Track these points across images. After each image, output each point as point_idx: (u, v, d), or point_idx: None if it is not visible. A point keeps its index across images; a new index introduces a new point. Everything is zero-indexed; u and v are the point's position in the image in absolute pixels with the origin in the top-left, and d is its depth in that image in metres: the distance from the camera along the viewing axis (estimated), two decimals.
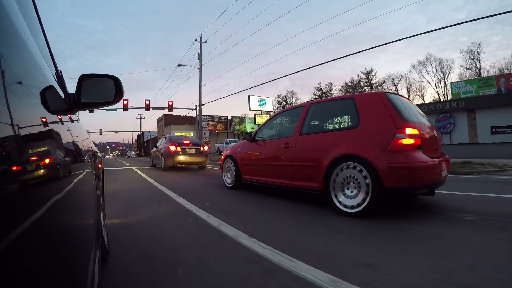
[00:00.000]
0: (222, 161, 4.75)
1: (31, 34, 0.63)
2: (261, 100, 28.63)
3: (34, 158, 0.38)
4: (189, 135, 12.80)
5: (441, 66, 39.48)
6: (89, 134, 1.60)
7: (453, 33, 49.46)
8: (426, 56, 43.09)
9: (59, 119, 0.64)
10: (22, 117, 0.36)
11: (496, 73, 31.60)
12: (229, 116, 37.71)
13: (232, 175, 4.43)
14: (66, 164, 0.59)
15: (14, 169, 0.31)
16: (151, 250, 1.78)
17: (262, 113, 29.37)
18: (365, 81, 45.05)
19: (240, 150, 4.27)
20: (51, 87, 0.65)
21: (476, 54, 35.84)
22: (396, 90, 40.94)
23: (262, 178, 3.72)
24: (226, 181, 4.58)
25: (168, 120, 41.29)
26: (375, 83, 43.75)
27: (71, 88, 0.98)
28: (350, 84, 46.13)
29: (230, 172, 4.52)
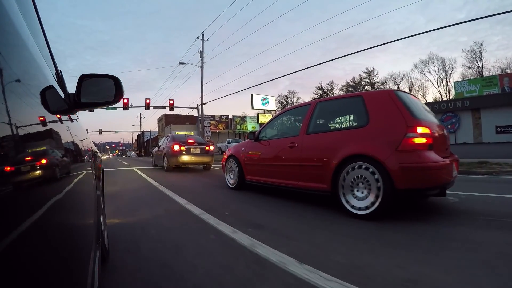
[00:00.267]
0: (225, 161, 4.64)
1: (31, 34, 0.63)
2: (264, 98, 28.24)
3: (34, 158, 0.38)
4: (192, 134, 12.43)
5: (443, 65, 39.44)
6: (88, 133, 1.59)
7: (453, 33, 49.46)
8: (429, 55, 43.13)
9: (59, 119, 0.64)
10: (22, 117, 0.36)
11: (498, 72, 31.52)
12: (230, 115, 37.65)
13: (235, 176, 4.33)
14: (66, 164, 0.59)
15: (14, 169, 0.31)
16: None
17: (265, 112, 29.10)
18: (366, 80, 44.98)
19: (243, 150, 4.17)
20: (51, 87, 0.65)
21: (478, 54, 35.80)
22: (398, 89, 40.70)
23: (266, 179, 3.62)
24: (229, 181, 4.48)
25: (168, 119, 41.27)
26: (377, 83, 43.69)
27: (71, 88, 0.98)
28: (351, 83, 46.07)
29: (233, 172, 4.41)
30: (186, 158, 7.83)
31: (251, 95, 26.95)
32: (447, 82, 38.68)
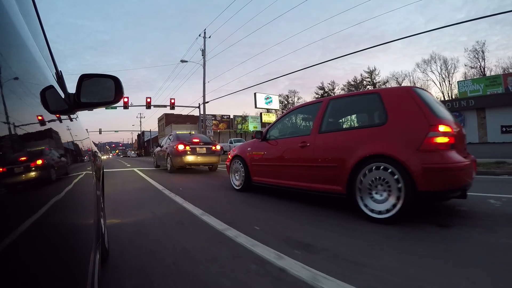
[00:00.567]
0: (230, 161, 4.42)
1: (31, 34, 0.63)
2: (267, 97, 27.83)
3: (35, 158, 0.38)
4: (198, 133, 11.87)
5: (445, 65, 39.37)
6: (88, 133, 1.60)
7: (452, 33, 49.29)
8: (431, 54, 42.97)
9: (59, 119, 0.64)
10: (22, 117, 0.36)
11: (500, 72, 31.46)
12: (231, 115, 37.57)
13: (240, 177, 4.13)
14: (66, 164, 0.59)
15: (15, 169, 0.31)
16: None
17: (268, 111, 28.79)
18: (368, 80, 44.94)
19: (249, 149, 3.97)
20: (51, 87, 0.65)
21: (480, 53, 35.75)
22: None
23: (275, 180, 3.44)
24: (234, 183, 4.29)
25: (169, 119, 41.21)
26: (378, 82, 43.66)
27: (71, 88, 0.98)
28: (353, 83, 46.06)
29: (238, 173, 4.22)
30: (191, 158, 7.35)
31: (254, 94, 26.53)
32: (450, 82, 38.64)
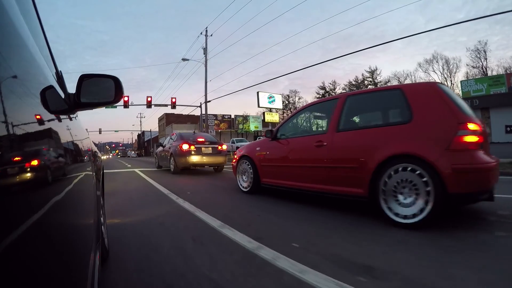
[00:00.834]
0: (236, 162, 4.16)
1: (31, 34, 0.63)
2: (270, 96, 27.38)
3: (35, 158, 0.38)
4: (203, 132, 11.33)
5: (447, 64, 39.37)
6: (88, 133, 1.60)
7: (452, 33, 49.34)
8: (433, 54, 42.96)
9: (59, 119, 0.64)
10: (22, 117, 0.36)
11: (502, 72, 31.41)
12: (232, 115, 37.47)
13: (248, 178, 3.88)
14: (66, 164, 0.59)
15: (15, 169, 0.31)
16: None
17: (271, 110, 28.48)
18: (369, 79, 44.95)
19: (258, 149, 3.73)
20: (51, 87, 0.65)
21: (482, 53, 35.72)
22: None
23: (287, 182, 3.25)
24: (242, 184, 4.04)
25: (169, 119, 41.13)
26: (380, 82, 43.65)
27: (71, 88, 0.98)
28: (354, 82, 46.09)
29: (246, 174, 3.98)
30: (196, 158, 6.94)
31: (257, 93, 26.08)
32: (452, 81, 38.61)
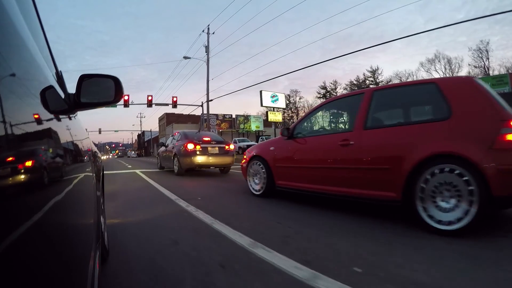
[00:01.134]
0: (247, 162, 3.87)
1: (31, 35, 0.63)
2: (273, 95, 26.64)
3: (35, 159, 0.38)
4: (208, 131, 11.05)
5: (449, 64, 39.39)
6: (88, 133, 1.60)
7: (451, 33, 49.39)
8: (435, 53, 43.07)
9: (59, 119, 0.64)
10: (22, 117, 0.36)
11: (502, 72, 31.39)
12: (233, 114, 37.38)
13: (261, 180, 3.62)
14: (66, 164, 0.59)
15: (15, 169, 0.31)
16: None
17: (274, 109, 28.13)
18: (371, 79, 45.01)
19: (272, 149, 3.48)
20: (51, 87, 0.65)
21: (484, 52, 35.75)
22: None
23: (306, 185, 3.01)
24: (253, 187, 3.76)
25: (170, 118, 41.05)
26: (381, 82, 43.68)
27: (71, 88, 0.98)
28: (355, 82, 46.14)
29: (258, 176, 3.70)
30: (202, 159, 6.54)
31: (260, 92, 25.55)
32: None
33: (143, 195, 4.14)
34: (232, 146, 7.25)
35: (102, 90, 0.99)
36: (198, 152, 6.53)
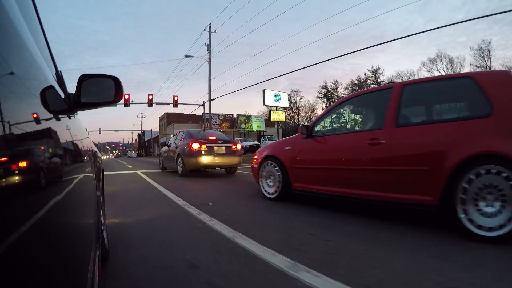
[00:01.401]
0: (259, 163, 3.60)
1: (32, 35, 0.63)
2: (276, 95, 26.41)
3: (35, 159, 0.38)
4: (214, 130, 10.55)
5: (451, 64, 39.38)
6: (88, 133, 1.60)
7: (451, 33, 49.37)
8: (437, 53, 43.10)
9: (59, 119, 0.64)
10: (22, 117, 0.36)
11: None
12: (234, 114, 37.26)
13: (275, 183, 3.37)
14: (66, 164, 0.60)
15: (15, 169, 0.31)
16: None
17: (277, 109, 27.88)
18: (372, 79, 45.07)
19: (289, 149, 3.23)
20: (51, 87, 0.65)
21: (486, 52, 35.76)
22: None
23: (327, 188, 2.78)
24: (266, 190, 3.50)
25: (170, 118, 40.93)
26: (382, 81, 43.67)
27: (71, 88, 0.98)
28: (356, 82, 46.19)
29: (271, 178, 3.44)
30: (208, 159, 6.20)
31: (263, 91, 25.17)
32: None
33: (146, 197, 3.87)
34: (239, 146, 6.92)
35: (102, 90, 0.99)
36: (203, 152, 6.17)
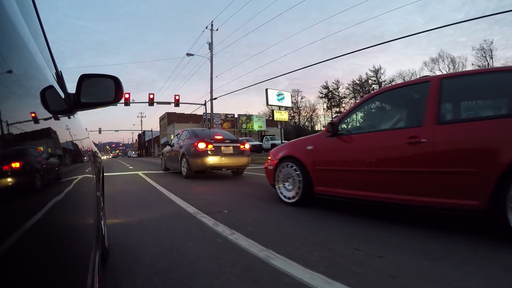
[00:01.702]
0: (275, 165, 3.29)
1: (32, 35, 0.63)
2: (279, 94, 25.83)
3: (35, 159, 0.38)
4: (220, 129, 10.46)
5: (453, 63, 39.39)
6: (88, 133, 1.60)
7: (451, 33, 49.53)
8: (439, 53, 43.10)
9: (59, 119, 0.64)
10: (22, 117, 0.36)
11: None
12: (235, 114, 37.18)
13: (295, 186, 3.05)
14: (66, 164, 0.60)
15: (14, 169, 0.31)
16: None
17: (280, 108, 27.74)
18: (373, 79, 45.12)
19: (311, 148, 2.94)
20: (51, 87, 0.65)
21: (488, 52, 35.83)
22: None
23: (356, 192, 2.51)
24: (284, 194, 3.18)
25: (171, 118, 40.83)
26: (384, 81, 43.70)
27: (71, 88, 0.98)
28: (358, 82, 46.24)
29: (290, 181, 3.14)
30: (215, 160, 5.81)
31: (266, 90, 24.95)
32: None
33: (150, 202, 3.44)
34: (247, 146, 6.52)
35: (102, 90, 0.99)
36: (210, 152, 5.79)
